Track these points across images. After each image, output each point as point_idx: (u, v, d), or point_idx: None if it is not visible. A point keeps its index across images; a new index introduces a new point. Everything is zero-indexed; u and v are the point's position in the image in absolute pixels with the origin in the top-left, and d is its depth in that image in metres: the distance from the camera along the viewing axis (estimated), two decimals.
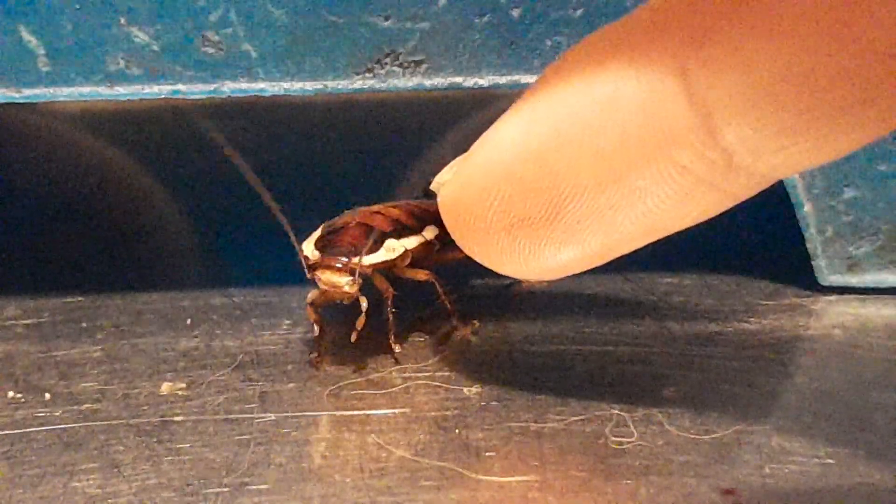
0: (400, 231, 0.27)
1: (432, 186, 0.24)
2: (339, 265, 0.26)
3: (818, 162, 0.19)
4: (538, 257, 0.22)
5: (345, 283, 0.26)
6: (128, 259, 0.34)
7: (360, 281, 0.26)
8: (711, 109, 0.18)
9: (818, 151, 0.18)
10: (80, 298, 0.31)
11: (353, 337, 0.26)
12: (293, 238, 0.25)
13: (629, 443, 0.24)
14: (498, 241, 0.22)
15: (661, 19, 0.19)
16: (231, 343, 0.28)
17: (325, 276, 0.26)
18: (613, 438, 0.24)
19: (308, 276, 0.26)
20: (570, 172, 0.20)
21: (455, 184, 0.23)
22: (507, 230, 0.22)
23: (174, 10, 0.25)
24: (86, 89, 0.26)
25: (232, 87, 0.26)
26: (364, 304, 0.26)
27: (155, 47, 0.26)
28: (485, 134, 0.22)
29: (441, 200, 0.23)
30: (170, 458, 0.23)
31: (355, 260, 0.26)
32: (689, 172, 0.19)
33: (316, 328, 0.27)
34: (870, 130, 0.18)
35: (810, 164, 0.19)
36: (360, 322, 0.26)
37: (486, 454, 0.23)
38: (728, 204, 0.20)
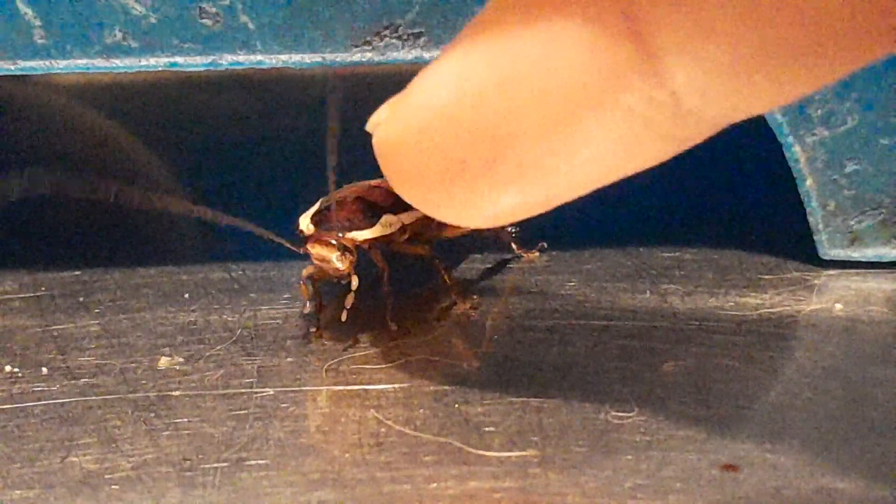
0: (398, 205, 0.27)
1: (367, 127, 0.22)
2: (331, 240, 0.26)
3: (767, 107, 0.18)
4: (477, 204, 0.20)
5: (334, 258, 0.26)
6: (125, 233, 0.34)
7: (353, 258, 0.26)
8: (659, 49, 0.17)
9: (769, 95, 0.17)
10: (77, 273, 0.30)
11: (343, 316, 0.26)
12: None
13: (629, 418, 0.24)
14: (435, 186, 0.21)
15: None
16: (229, 317, 0.28)
17: (316, 250, 0.26)
18: (614, 413, 0.24)
19: (301, 250, 0.26)
20: (511, 115, 0.19)
21: (390, 124, 0.21)
22: (444, 175, 0.20)
23: None
24: (82, 62, 0.26)
25: (230, 60, 0.26)
26: (355, 282, 0.26)
27: (152, 19, 0.25)
28: (422, 72, 0.20)
29: (375, 141, 0.22)
30: (168, 432, 0.23)
31: (349, 235, 0.26)
32: (635, 116, 0.18)
33: (308, 304, 0.27)
34: (823, 75, 0.17)
35: (760, 110, 0.18)
36: (349, 300, 0.26)
37: (486, 429, 0.23)
38: (675, 150, 0.19)
